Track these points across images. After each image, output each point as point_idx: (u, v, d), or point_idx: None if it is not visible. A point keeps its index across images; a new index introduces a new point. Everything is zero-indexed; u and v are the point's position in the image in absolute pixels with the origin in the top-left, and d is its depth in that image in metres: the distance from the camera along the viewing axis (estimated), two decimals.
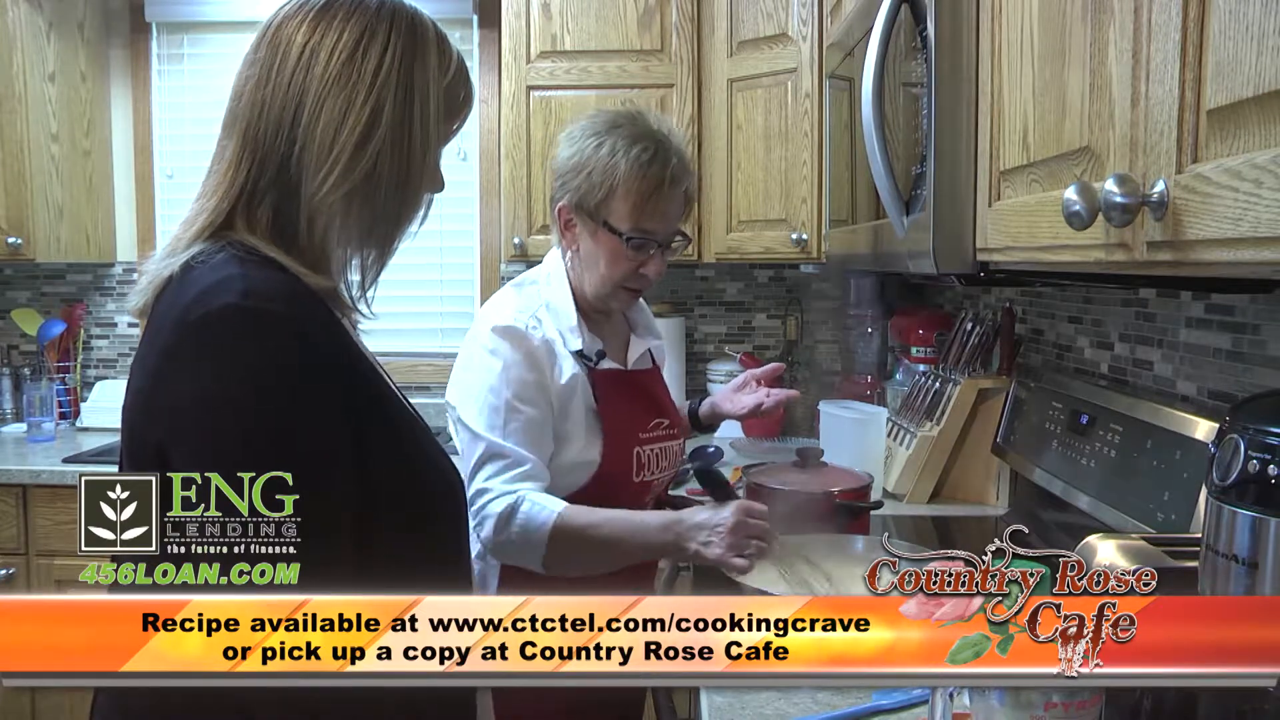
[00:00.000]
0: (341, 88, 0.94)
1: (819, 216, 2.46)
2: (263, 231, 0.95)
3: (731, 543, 1.39)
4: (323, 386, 0.90)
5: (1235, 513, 0.84)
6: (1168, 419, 1.41)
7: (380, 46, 0.96)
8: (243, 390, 0.85)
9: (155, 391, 0.89)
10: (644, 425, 1.59)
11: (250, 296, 0.87)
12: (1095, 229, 0.82)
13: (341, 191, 0.94)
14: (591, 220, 1.52)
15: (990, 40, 1.20)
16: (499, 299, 1.58)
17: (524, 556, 1.43)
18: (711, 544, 1.39)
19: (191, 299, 0.88)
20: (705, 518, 1.42)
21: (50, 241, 2.93)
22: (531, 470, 1.45)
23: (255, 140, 0.96)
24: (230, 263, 0.91)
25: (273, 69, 0.96)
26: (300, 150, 0.94)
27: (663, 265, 1.56)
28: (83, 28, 3.06)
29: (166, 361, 0.89)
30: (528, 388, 1.47)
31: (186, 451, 0.85)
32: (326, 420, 0.89)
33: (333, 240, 0.97)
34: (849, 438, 2.20)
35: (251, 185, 0.96)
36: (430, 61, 0.99)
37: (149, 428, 0.89)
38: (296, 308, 0.91)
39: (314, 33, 0.95)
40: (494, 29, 2.89)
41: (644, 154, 1.49)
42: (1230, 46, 0.67)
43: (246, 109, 0.97)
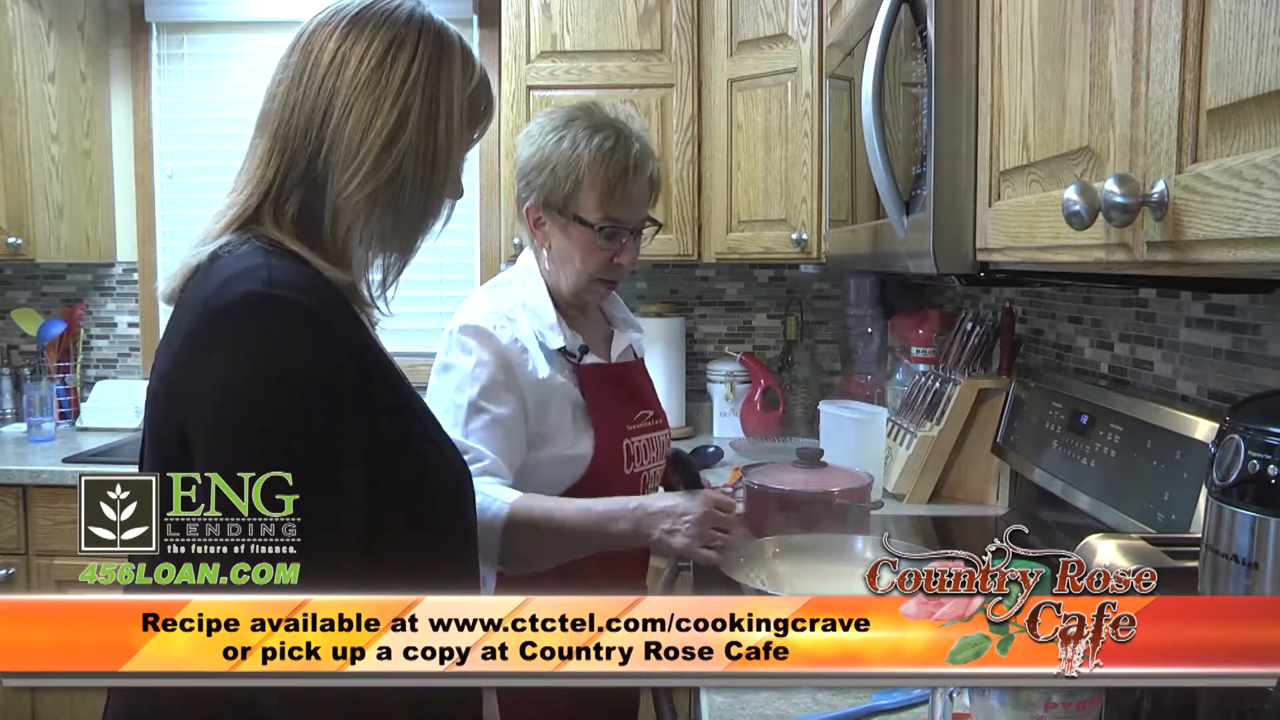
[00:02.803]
0: (370, 92, 0.98)
1: (819, 216, 2.46)
2: (288, 226, 0.99)
3: (698, 533, 1.37)
4: (339, 376, 0.91)
5: (1235, 513, 0.84)
6: (1168, 419, 1.41)
7: (409, 55, 1.00)
8: (261, 375, 0.88)
9: (179, 375, 0.91)
10: (630, 417, 1.59)
11: (272, 285, 0.90)
12: (1095, 229, 0.82)
13: (366, 191, 0.98)
14: (560, 215, 1.52)
15: (990, 40, 1.20)
16: (471, 300, 1.59)
17: (480, 553, 1.40)
18: (677, 533, 1.37)
19: (215, 287, 0.91)
20: (669, 504, 1.40)
21: (50, 241, 2.93)
22: (489, 466, 1.42)
23: (285, 139, 0.99)
24: (255, 253, 0.94)
25: (304, 73, 1.00)
26: (328, 150, 0.98)
27: (636, 253, 1.56)
28: (83, 28, 3.06)
29: (189, 346, 0.91)
30: (494, 387, 1.46)
31: (205, 434, 0.87)
32: (341, 410, 0.91)
33: (355, 239, 1.00)
34: (849, 438, 2.20)
35: (280, 182, 0.99)
36: (455, 71, 1.03)
37: (172, 410, 0.91)
38: (317, 299, 0.93)
39: (345, 40, 1.00)
40: (494, 29, 2.89)
41: (606, 142, 1.50)
42: (1230, 46, 0.67)
43: (279, 109, 1.00)
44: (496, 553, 1.37)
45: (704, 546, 1.39)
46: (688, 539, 1.38)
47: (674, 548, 1.39)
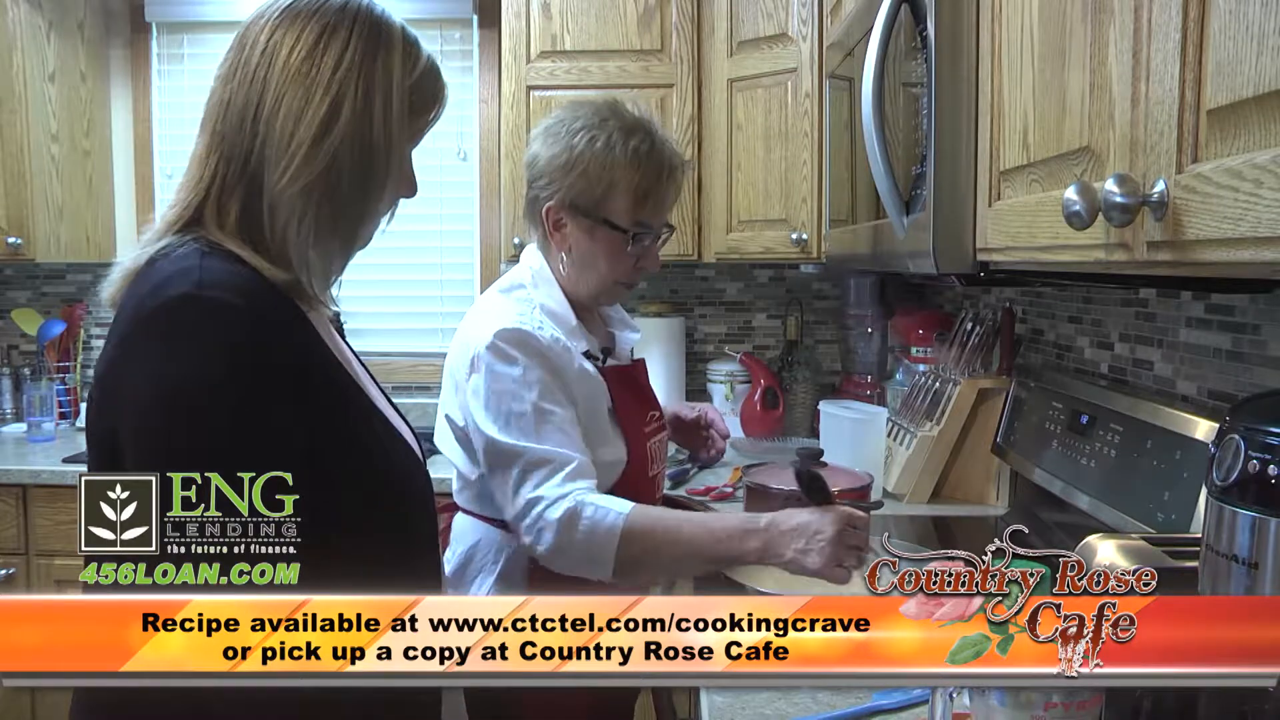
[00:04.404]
0: (300, 82, 0.97)
1: (819, 216, 2.46)
2: (230, 226, 0.97)
3: (833, 553, 1.30)
4: (275, 380, 0.90)
5: (1235, 513, 0.84)
6: (1168, 419, 1.41)
7: (341, 44, 0.98)
8: (194, 379, 0.87)
9: (111, 379, 0.91)
10: (646, 419, 1.57)
11: (205, 287, 0.89)
12: (1095, 229, 0.82)
13: (300, 184, 0.96)
14: (588, 218, 1.47)
15: (990, 40, 1.20)
16: (490, 307, 1.50)
17: (589, 564, 1.33)
18: (810, 553, 1.30)
19: (149, 290, 0.90)
20: (803, 522, 1.32)
21: (50, 241, 2.92)
22: (581, 468, 1.36)
23: (222, 136, 0.98)
24: (190, 255, 0.93)
25: (239, 66, 0.99)
26: (262, 144, 0.97)
27: (658, 257, 1.54)
28: (83, 28, 3.05)
29: (121, 350, 0.91)
30: (550, 388, 1.40)
31: (132, 439, 0.87)
32: (277, 413, 0.90)
33: (293, 234, 0.98)
34: (849, 438, 2.19)
35: (220, 181, 0.98)
36: (394, 61, 1.01)
37: (105, 415, 0.91)
38: (252, 299, 0.92)
39: (278, 30, 0.99)
40: (494, 29, 2.89)
41: (642, 145, 1.46)
42: (1230, 46, 0.67)
43: (215, 106, 1.00)
44: (611, 564, 1.31)
45: (838, 566, 1.31)
46: (823, 559, 1.30)
47: (808, 568, 1.31)
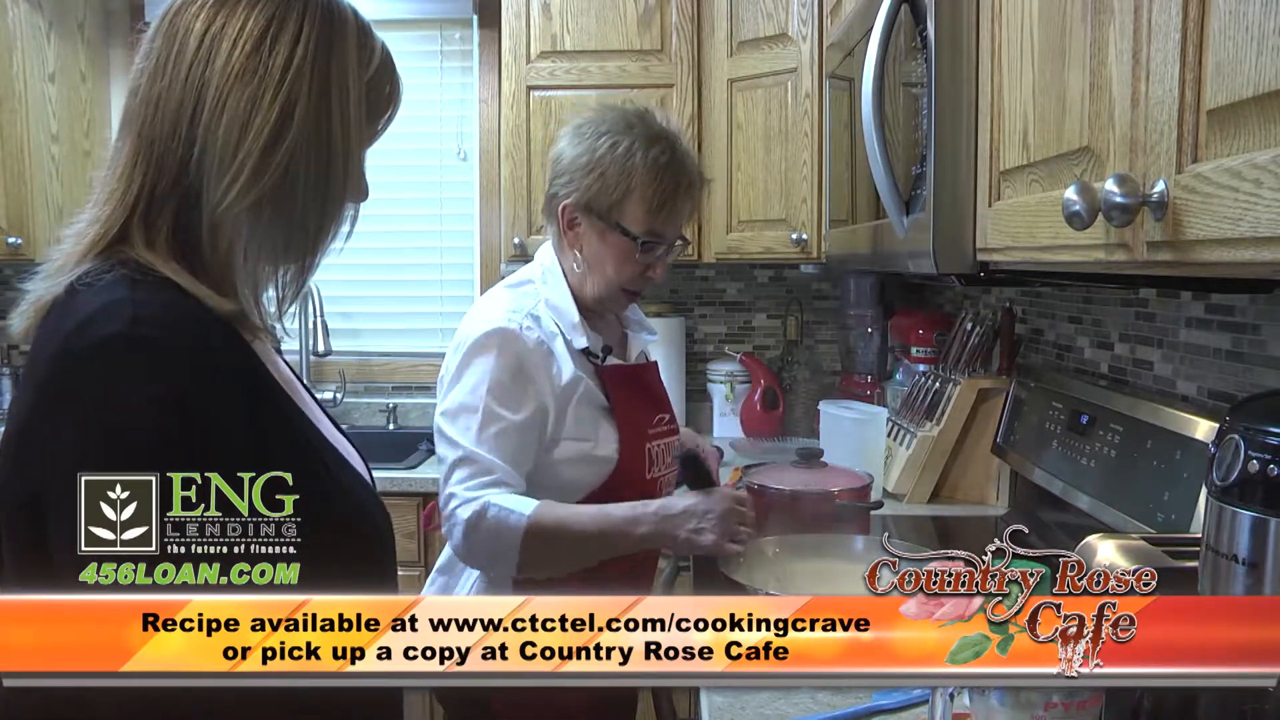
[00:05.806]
0: (246, 83, 0.84)
1: (819, 216, 2.46)
2: (161, 246, 0.85)
3: (725, 529, 1.37)
4: (220, 424, 0.81)
5: (1235, 513, 0.84)
6: (1168, 419, 1.41)
7: (291, 36, 0.85)
8: (136, 433, 0.77)
9: (32, 432, 0.79)
10: (650, 421, 1.58)
11: (139, 324, 0.78)
12: (1095, 229, 0.82)
13: (248, 201, 0.84)
14: (601, 221, 1.49)
15: (990, 40, 1.20)
16: (490, 299, 1.55)
17: (496, 563, 1.39)
18: (704, 531, 1.37)
19: (74, 327, 0.79)
20: (691, 504, 1.39)
21: (50, 241, 2.91)
22: (501, 477, 1.40)
23: (151, 141, 0.85)
24: (119, 285, 0.81)
25: (169, 60, 0.85)
26: (200, 153, 0.84)
27: (667, 268, 1.55)
28: (83, 28, 3.05)
29: (44, 399, 0.79)
30: (511, 392, 1.43)
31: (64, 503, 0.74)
32: (229, 462, 0.78)
33: (239, 255, 0.87)
34: (849, 438, 2.20)
35: (148, 193, 0.85)
36: (349, 52, 0.88)
37: (25, 475, 0.80)
38: (193, 337, 0.81)
39: (215, 19, 0.85)
40: (494, 29, 2.89)
41: (662, 156, 1.47)
42: (1230, 46, 0.67)
43: (140, 105, 0.86)
44: (516, 562, 1.36)
45: (731, 541, 1.39)
46: (715, 535, 1.37)
47: (702, 545, 1.38)
